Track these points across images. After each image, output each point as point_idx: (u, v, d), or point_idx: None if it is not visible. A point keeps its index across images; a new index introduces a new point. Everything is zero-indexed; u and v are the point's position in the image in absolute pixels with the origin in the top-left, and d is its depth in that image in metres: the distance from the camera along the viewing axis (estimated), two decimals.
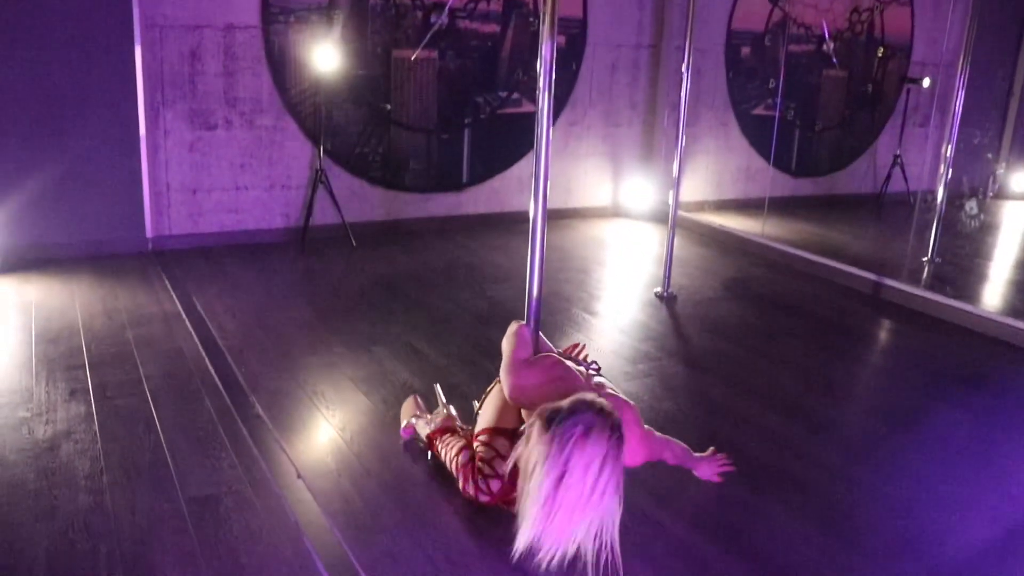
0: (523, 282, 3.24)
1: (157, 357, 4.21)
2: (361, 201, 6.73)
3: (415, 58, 6.63)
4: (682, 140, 5.38)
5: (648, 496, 3.13)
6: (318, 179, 6.35)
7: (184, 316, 4.80)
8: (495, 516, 2.93)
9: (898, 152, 8.88)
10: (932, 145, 9.51)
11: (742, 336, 4.96)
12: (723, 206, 8.04)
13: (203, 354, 4.27)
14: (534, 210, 3.04)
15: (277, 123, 6.30)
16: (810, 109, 8.64)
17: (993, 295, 6.35)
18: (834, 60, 8.60)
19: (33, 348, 4.28)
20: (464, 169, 7.16)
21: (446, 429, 3.24)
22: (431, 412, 3.41)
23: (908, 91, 8.91)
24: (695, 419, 3.82)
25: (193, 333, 4.55)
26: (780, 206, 7.90)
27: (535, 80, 2.94)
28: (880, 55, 8.83)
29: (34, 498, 2.97)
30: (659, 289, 5.62)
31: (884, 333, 5.36)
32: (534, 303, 3.14)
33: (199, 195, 6.16)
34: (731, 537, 2.93)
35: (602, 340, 4.79)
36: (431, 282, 5.67)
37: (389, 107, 6.69)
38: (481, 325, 4.89)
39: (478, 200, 7.23)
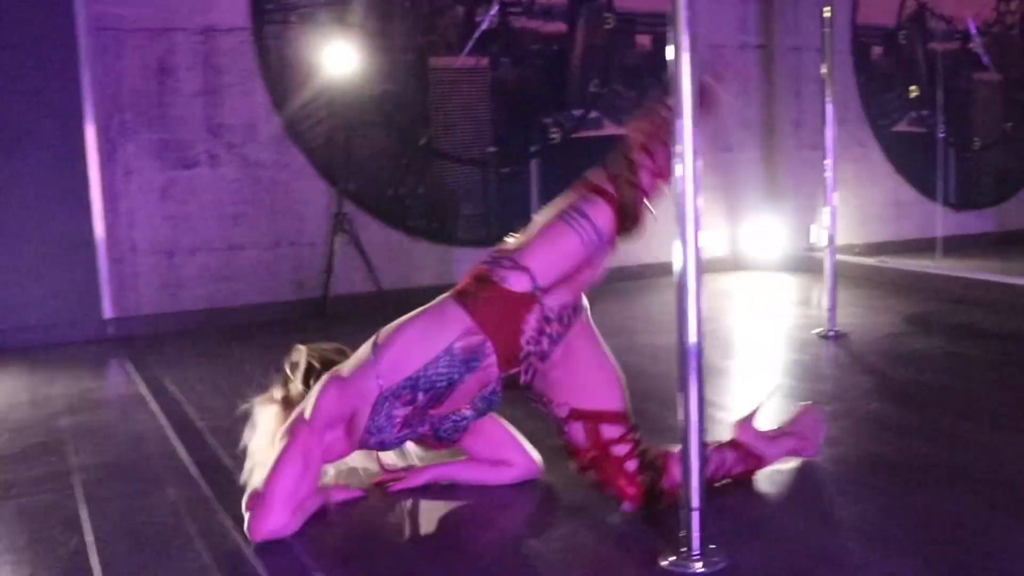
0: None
1: (100, 446, 3.02)
2: (400, 260, 5.11)
3: (459, 67, 5.15)
4: (834, 161, 4.30)
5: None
6: (339, 227, 4.79)
7: (150, 399, 3.51)
8: None
9: None
10: None
11: (957, 367, 3.78)
12: (874, 251, 6.17)
13: (172, 436, 3.05)
14: (682, 259, 2.03)
15: (280, 157, 4.81)
16: (963, 123, 6.88)
17: None
18: (984, 60, 6.88)
19: None
20: (534, 213, 5.54)
21: None
22: None
23: None
24: (935, 456, 2.70)
25: (161, 415, 3.29)
26: (942, 248, 6.17)
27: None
28: None
29: None
30: (820, 329, 4.22)
31: None
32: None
33: (177, 259, 4.63)
34: None
35: (759, 386, 3.41)
36: None
37: (429, 132, 5.17)
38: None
39: None
